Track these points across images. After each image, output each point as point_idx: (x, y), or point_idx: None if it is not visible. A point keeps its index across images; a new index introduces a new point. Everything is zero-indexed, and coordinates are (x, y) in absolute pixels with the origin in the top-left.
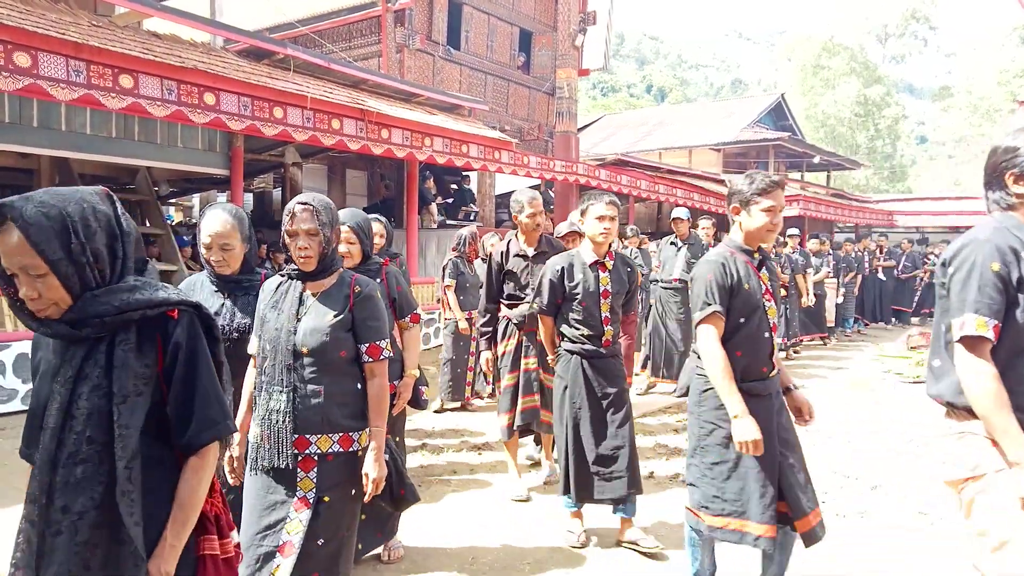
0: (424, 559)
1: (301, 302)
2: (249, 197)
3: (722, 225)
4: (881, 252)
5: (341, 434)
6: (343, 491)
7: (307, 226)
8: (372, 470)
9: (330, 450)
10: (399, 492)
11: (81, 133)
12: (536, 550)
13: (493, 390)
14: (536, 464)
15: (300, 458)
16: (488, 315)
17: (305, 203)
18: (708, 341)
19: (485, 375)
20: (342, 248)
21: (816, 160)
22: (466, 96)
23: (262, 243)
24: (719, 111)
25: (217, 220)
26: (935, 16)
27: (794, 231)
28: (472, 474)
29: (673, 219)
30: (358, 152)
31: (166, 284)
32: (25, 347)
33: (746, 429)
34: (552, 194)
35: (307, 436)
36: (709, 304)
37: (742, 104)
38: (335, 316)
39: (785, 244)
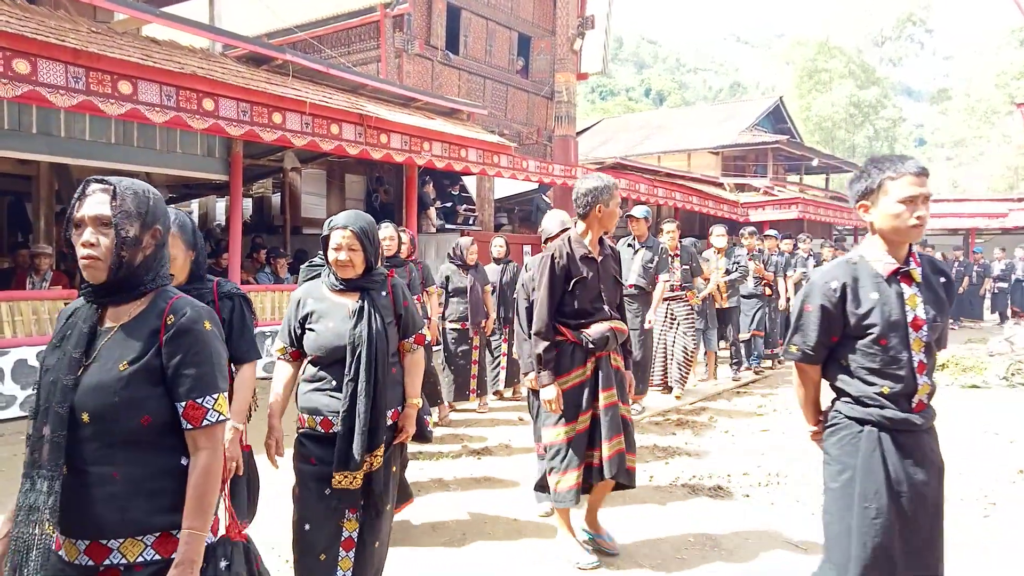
0: (420, 567)
1: (92, 339)
2: (248, 202)
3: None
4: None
5: (157, 534)
6: None
7: (96, 212)
8: None
9: (140, 559)
10: None
11: (80, 139)
12: (536, 550)
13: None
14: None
15: (98, 573)
16: (548, 340)
17: (102, 182)
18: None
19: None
20: (342, 256)
21: (815, 163)
22: (465, 100)
23: (260, 248)
24: (718, 114)
25: None
26: (931, 19)
27: (771, 232)
28: (471, 480)
29: (628, 216)
30: (357, 157)
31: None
32: (24, 353)
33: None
34: (547, 199)
35: (103, 541)
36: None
37: (741, 107)
38: (131, 363)
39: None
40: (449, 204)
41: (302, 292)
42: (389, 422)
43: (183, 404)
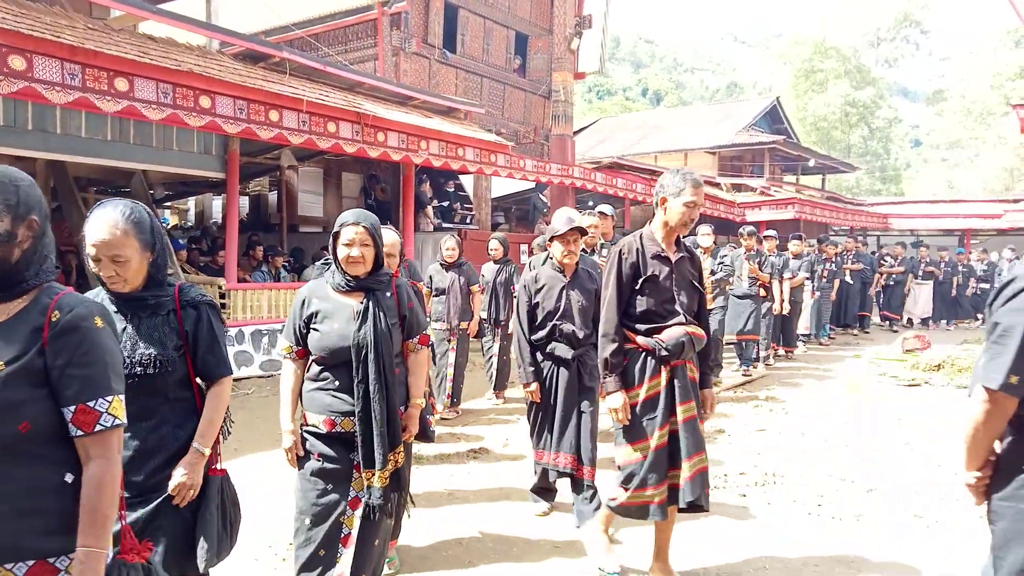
0: (421, 562)
1: None
2: (245, 200)
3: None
4: (849, 253)
5: (31, 562)
6: None
7: None
8: None
9: None
10: None
11: (76, 136)
12: (535, 551)
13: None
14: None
15: None
16: (615, 342)
17: None
18: None
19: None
20: (354, 252)
21: (811, 163)
22: (462, 99)
23: (257, 245)
24: (715, 114)
25: (103, 225)
26: (927, 20)
27: (771, 233)
28: (469, 479)
29: (598, 213)
30: (354, 155)
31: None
32: None
33: None
34: (544, 198)
35: None
36: None
37: (737, 107)
38: (8, 363)
39: (761, 243)
40: (446, 203)
41: (307, 291)
42: None
43: (72, 408)
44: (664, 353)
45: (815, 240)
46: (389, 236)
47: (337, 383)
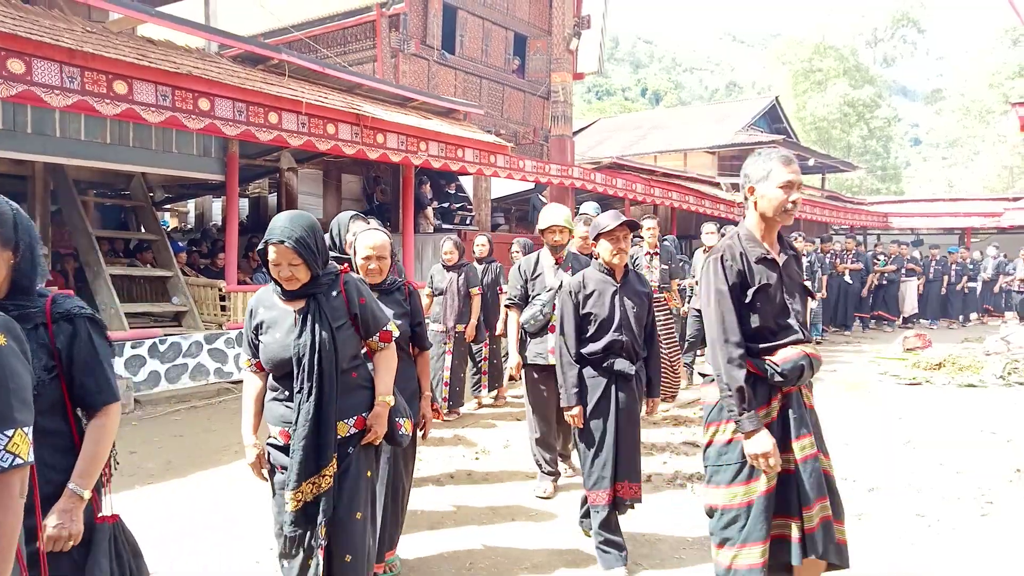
0: (421, 565)
1: None
2: (244, 202)
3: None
4: (849, 253)
5: None
6: None
7: None
8: None
9: None
10: None
11: (75, 139)
12: (534, 552)
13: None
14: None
15: None
16: (742, 367)
17: None
18: None
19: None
20: (282, 273)
21: (811, 163)
22: (461, 100)
23: (256, 247)
24: (714, 114)
25: None
26: (924, 19)
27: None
28: (469, 480)
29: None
30: (353, 157)
31: None
32: None
33: None
34: (543, 199)
35: None
36: None
37: (737, 107)
38: None
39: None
40: (446, 204)
41: (255, 300)
42: (353, 430)
43: None
44: (778, 379)
45: (816, 239)
46: (375, 238)
47: (286, 393)
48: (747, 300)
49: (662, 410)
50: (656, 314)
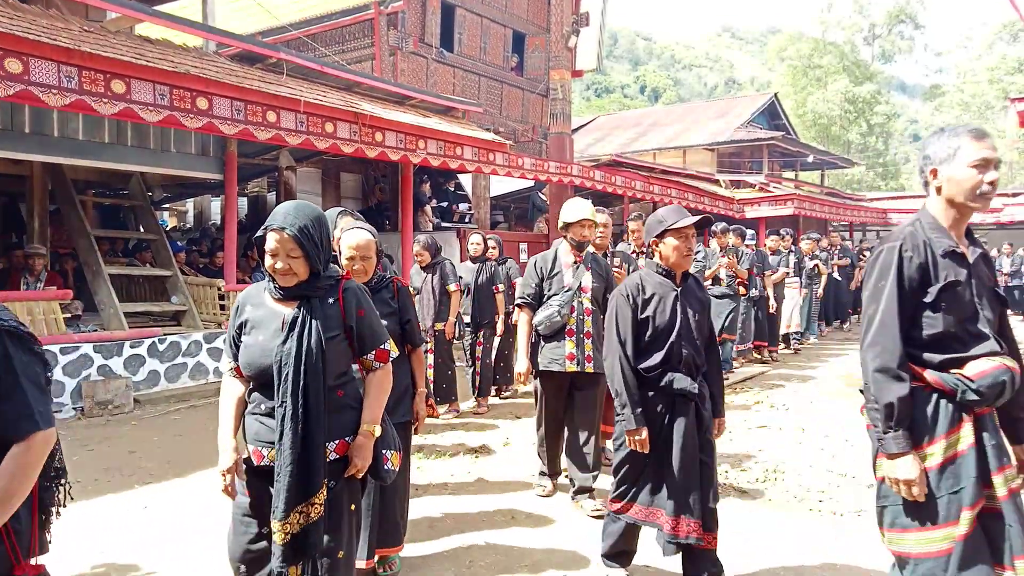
0: (421, 563)
1: None
2: (243, 201)
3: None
4: (835, 248)
5: None
6: None
7: None
8: None
9: None
10: None
11: (74, 139)
12: (533, 551)
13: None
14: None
15: None
16: (902, 379)
17: None
18: None
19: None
20: (278, 264)
21: (810, 159)
22: (459, 98)
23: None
24: (713, 111)
25: None
26: (922, 14)
27: (735, 227)
28: (469, 477)
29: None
30: (352, 155)
31: None
32: None
33: None
34: (543, 196)
35: None
36: None
37: (736, 104)
38: None
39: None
40: (445, 203)
41: (242, 296)
42: (334, 455)
43: None
44: (973, 397)
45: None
46: (358, 237)
47: (263, 406)
48: (929, 300)
49: None
50: None
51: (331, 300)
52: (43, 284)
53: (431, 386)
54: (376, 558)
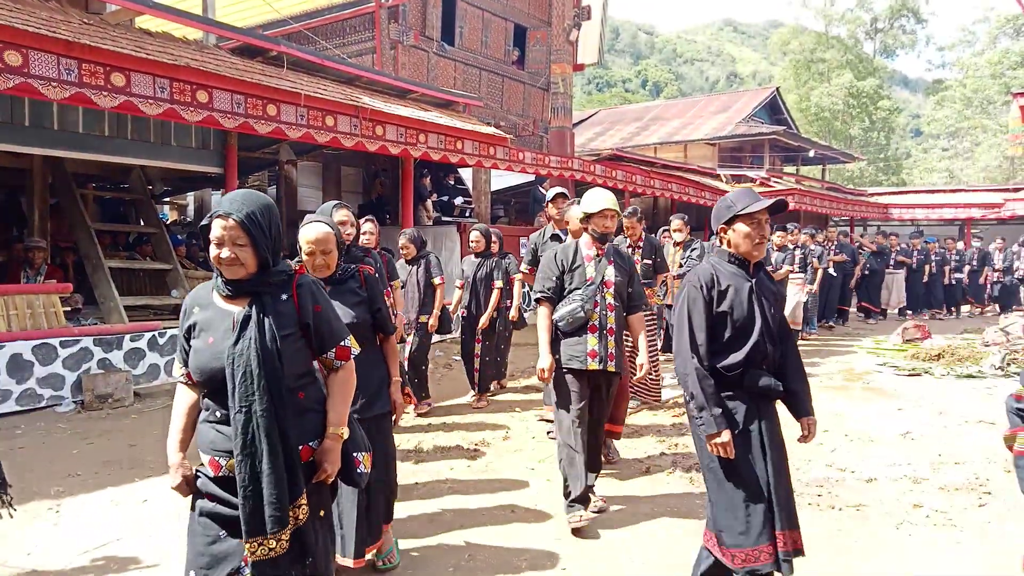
0: (420, 557)
1: None
2: None
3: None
4: (831, 244)
5: None
6: None
7: None
8: None
9: None
10: None
11: (74, 132)
12: (534, 545)
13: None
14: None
15: None
16: None
17: None
18: None
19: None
20: (224, 253)
21: (811, 154)
22: (460, 92)
23: None
24: (714, 106)
25: None
26: (925, 8)
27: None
28: (468, 472)
29: (558, 195)
30: (352, 149)
31: None
32: (19, 347)
33: None
34: (543, 191)
35: None
36: None
37: (737, 98)
38: None
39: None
40: (446, 197)
41: (190, 298)
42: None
43: None
44: None
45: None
46: (316, 230)
47: (218, 414)
48: None
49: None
50: None
51: (284, 296)
52: (43, 277)
53: (405, 377)
54: (365, 556)
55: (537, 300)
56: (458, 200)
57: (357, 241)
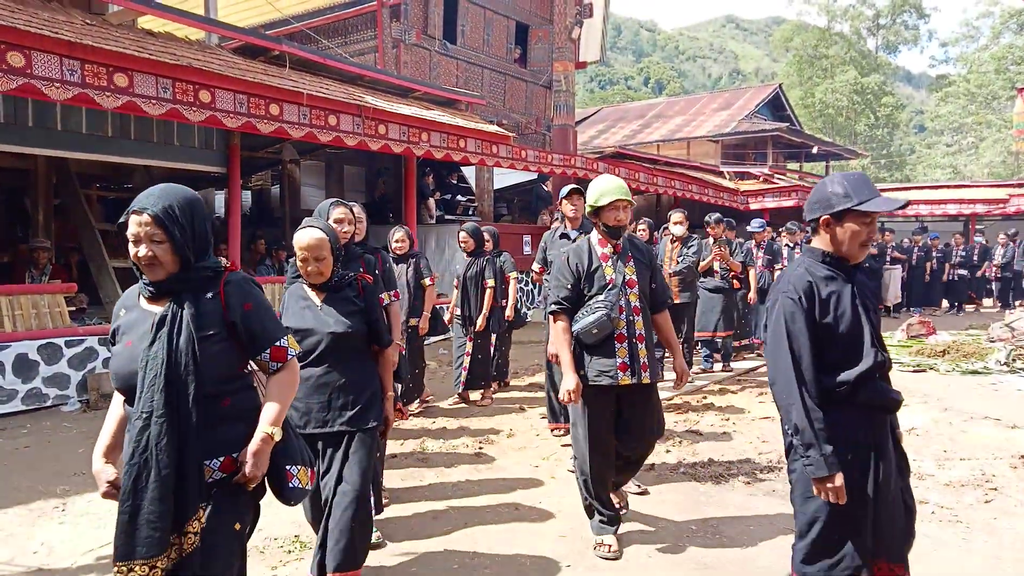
0: (425, 554)
1: None
2: (248, 195)
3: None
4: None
5: None
6: None
7: None
8: None
9: None
10: None
11: (77, 133)
12: (538, 543)
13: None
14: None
15: None
16: None
17: None
18: None
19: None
20: (141, 251)
21: (815, 150)
22: (463, 90)
23: (260, 239)
24: (717, 102)
25: None
26: (925, 3)
27: (727, 218)
28: (473, 470)
29: (572, 191)
30: (355, 148)
31: None
32: (24, 347)
33: None
34: (547, 188)
35: None
36: None
37: (740, 95)
38: None
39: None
40: (448, 195)
41: (120, 300)
42: (218, 475)
43: None
44: None
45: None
46: (309, 235)
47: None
48: None
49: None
50: None
51: (209, 294)
52: (48, 277)
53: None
54: None
55: (552, 313)
56: (461, 198)
57: (366, 239)
